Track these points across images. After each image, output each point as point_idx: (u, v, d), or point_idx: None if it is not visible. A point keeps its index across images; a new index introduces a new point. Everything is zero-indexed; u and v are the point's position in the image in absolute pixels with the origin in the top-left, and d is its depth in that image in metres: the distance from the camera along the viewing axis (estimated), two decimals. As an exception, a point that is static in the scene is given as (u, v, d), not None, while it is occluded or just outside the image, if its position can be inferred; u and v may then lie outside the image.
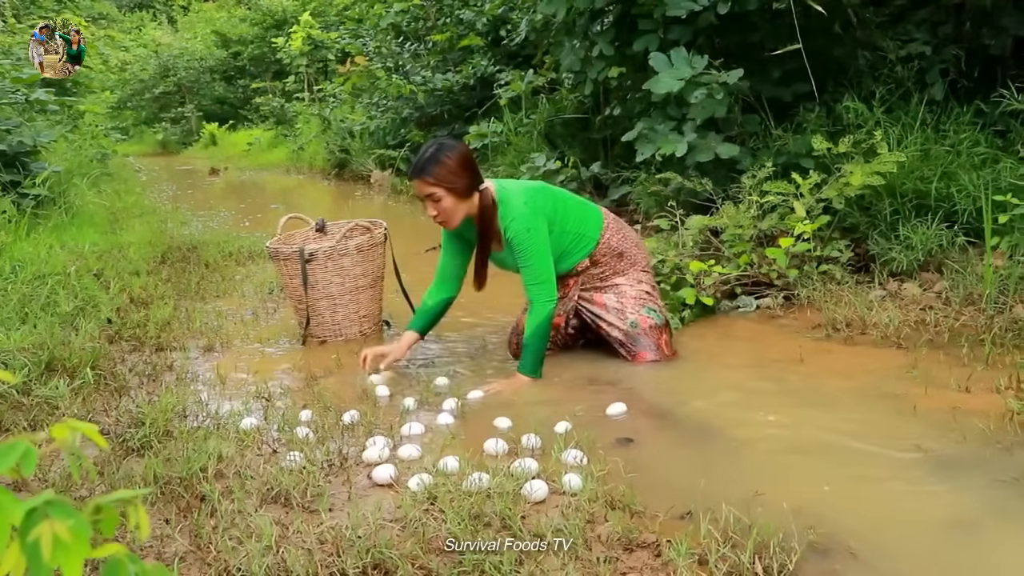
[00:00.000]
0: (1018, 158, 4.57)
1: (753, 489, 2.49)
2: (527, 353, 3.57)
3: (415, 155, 3.63)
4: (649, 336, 3.78)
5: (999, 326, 3.66)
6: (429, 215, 3.62)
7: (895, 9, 5.99)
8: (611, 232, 3.77)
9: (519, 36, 9.65)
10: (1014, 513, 2.36)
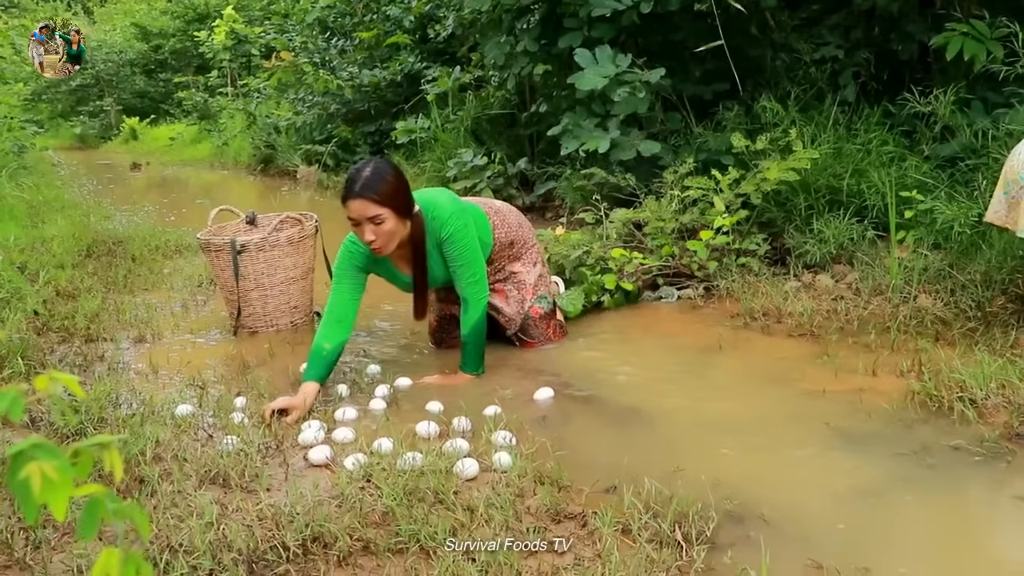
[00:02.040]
0: (923, 157, 4.81)
1: (674, 465, 2.64)
2: (468, 351, 3.58)
3: (353, 174, 3.36)
4: (539, 327, 3.93)
5: (904, 314, 3.87)
6: (366, 240, 3.35)
7: (810, 13, 6.22)
8: (497, 228, 3.78)
9: (446, 32, 9.72)
10: (913, 482, 2.54)
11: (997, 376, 3.07)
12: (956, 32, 4.58)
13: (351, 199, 3.31)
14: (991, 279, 3.93)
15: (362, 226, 3.33)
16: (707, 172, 4.85)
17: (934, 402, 3.03)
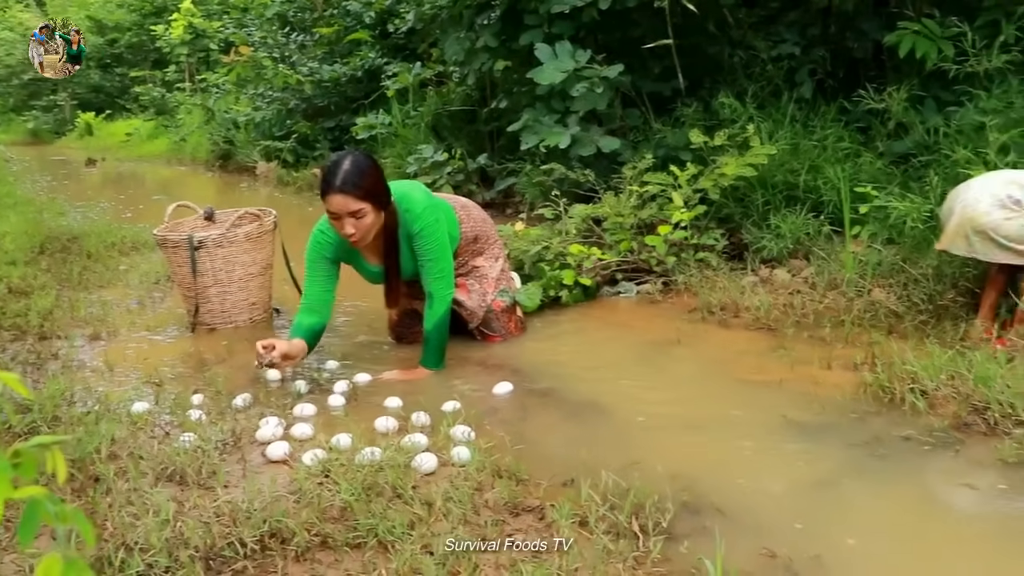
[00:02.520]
0: (877, 153, 4.88)
1: (631, 457, 2.66)
2: (430, 347, 3.58)
3: (332, 168, 3.32)
4: (500, 320, 3.95)
5: (858, 308, 3.93)
6: (345, 234, 3.36)
7: (767, 11, 6.29)
8: (464, 222, 3.81)
9: (406, 27, 9.69)
10: (865, 472, 2.59)
11: (947, 367, 3.12)
12: (908, 31, 4.65)
13: (332, 194, 3.30)
14: (942, 273, 3.99)
15: (342, 220, 3.34)
16: (666, 168, 4.88)
17: (886, 393, 3.08)
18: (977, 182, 3.56)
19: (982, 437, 2.78)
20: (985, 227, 3.39)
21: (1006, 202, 3.39)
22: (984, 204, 3.41)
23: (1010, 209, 3.38)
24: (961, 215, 3.46)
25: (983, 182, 3.53)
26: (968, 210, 3.43)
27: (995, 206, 3.39)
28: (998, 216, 3.37)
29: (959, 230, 3.47)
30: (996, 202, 3.40)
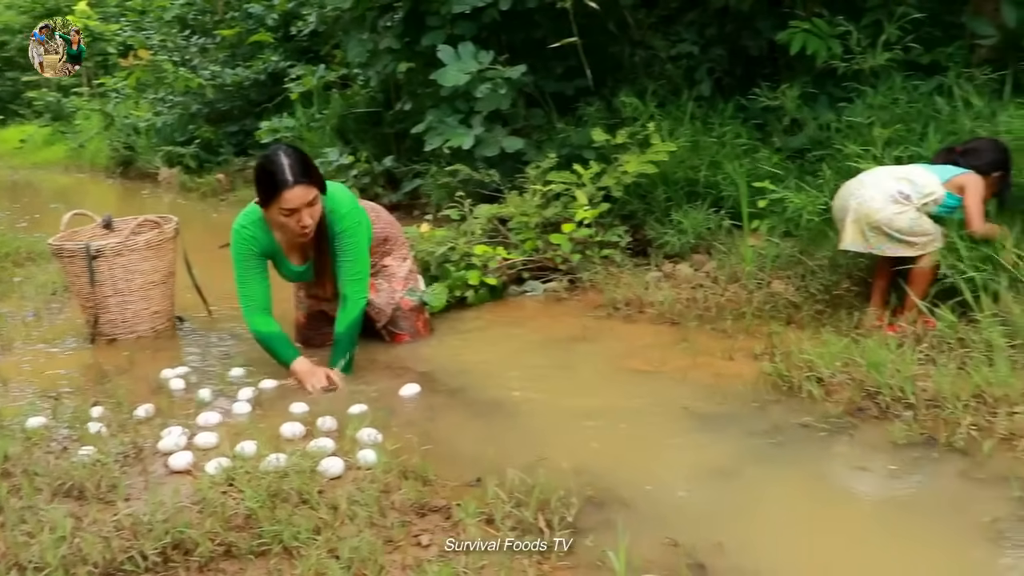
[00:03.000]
0: (774, 149, 5.00)
1: (538, 454, 2.69)
2: (340, 349, 3.55)
3: (277, 164, 3.25)
4: (408, 318, 3.97)
5: (758, 300, 4.03)
6: (303, 225, 3.32)
7: (666, 11, 6.39)
8: (374, 223, 3.81)
9: (309, 29, 9.59)
10: (765, 459, 2.67)
11: (842, 355, 3.22)
12: (799, 29, 4.79)
13: (291, 187, 3.23)
14: (837, 264, 4.11)
15: (299, 213, 3.29)
16: (570, 167, 4.93)
17: (785, 382, 3.18)
18: (869, 179, 3.68)
19: (875, 421, 2.89)
20: (880, 222, 3.51)
21: (897, 197, 3.52)
22: (878, 200, 3.53)
23: (900, 204, 3.51)
24: (857, 211, 3.57)
25: (875, 179, 3.65)
26: (863, 207, 3.55)
27: (888, 201, 3.52)
28: (891, 211, 3.50)
29: (856, 227, 3.58)
30: (888, 198, 3.52)
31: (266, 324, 3.54)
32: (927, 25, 5.14)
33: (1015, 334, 3.21)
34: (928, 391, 2.95)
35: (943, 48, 4.96)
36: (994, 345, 3.14)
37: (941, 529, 2.28)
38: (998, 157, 3.68)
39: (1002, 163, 3.68)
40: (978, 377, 2.95)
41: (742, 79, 5.78)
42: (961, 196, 3.58)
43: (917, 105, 4.59)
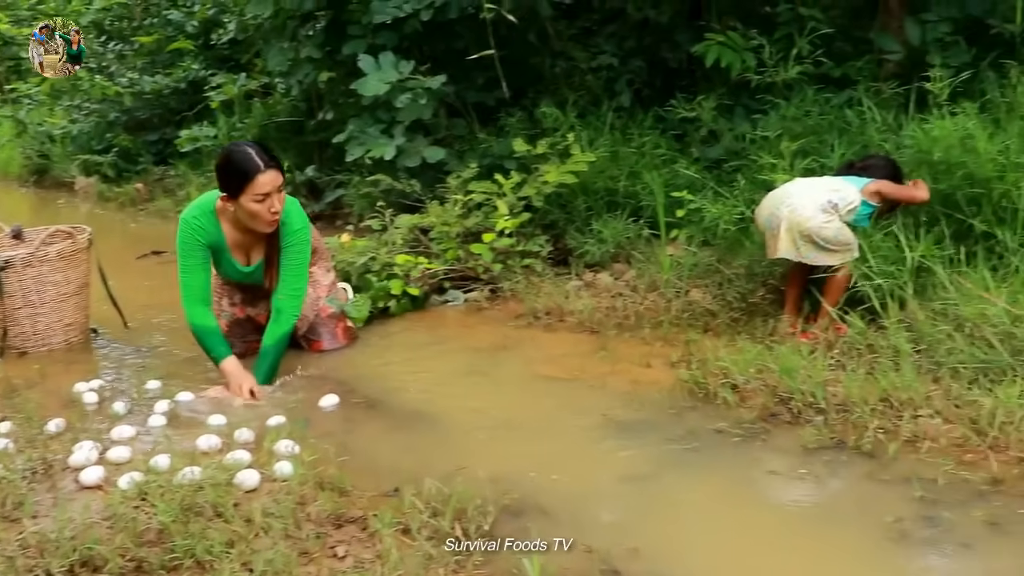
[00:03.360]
0: (692, 159, 5.09)
1: (456, 464, 2.69)
2: (266, 361, 3.55)
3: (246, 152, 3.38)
4: (327, 325, 3.97)
5: (676, 308, 4.09)
6: (274, 211, 3.42)
7: (587, 23, 6.47)
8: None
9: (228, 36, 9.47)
10: (679, 465, 2.72)
11: (756, 362, 3.29)
12: (714, 42, 4.88)
13: (263, 172, 3.35)
14: (753, 272, 4.20)
15: (270, 198, 3.39)
16: (491, 176, 4.95)
17: (701, 389, 3.23)
18: (797, 188, 3.77)
19: (787, 426, 2.96)
20: (810, 230, 3.60)
21: (826, 207, 3.61)
22: (809, 209, 3.62)
23: (829, 213, 3.61)
24: (789, 220, 3.65)
25: (804, 189, 3.74)
26: (795, 216, 3.64)
27: (818, 211, 3.61)
28: (820, 220, 3.60)
29: (789, 236, 3.66)
30: (818, 207, 3.61)
31: (204, 317, 3.56)
32: (838, 40, 5.30)
33: (920, 339, 3.31)
34: (838, 396, 3.04)
35: (853, 62, 5.11)
36: (900, 350, 3.24)
37: (847, 530, 2.35)
38: (891, 172, 3.85)
39: (895, 177, 3.83)
40: (885, 382, 3.04)
41: (661, 90, 5.87)
42: (874, 202, 3.70)
43: (828, 117, 4.71)
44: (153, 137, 10.70)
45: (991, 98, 4.35)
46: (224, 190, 3.44)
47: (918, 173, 3.97)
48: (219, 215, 3.54)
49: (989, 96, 4.37)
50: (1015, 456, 2.64)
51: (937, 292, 3.50)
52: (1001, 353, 3.06)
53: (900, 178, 3.86)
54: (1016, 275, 3.48)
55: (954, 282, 3.46)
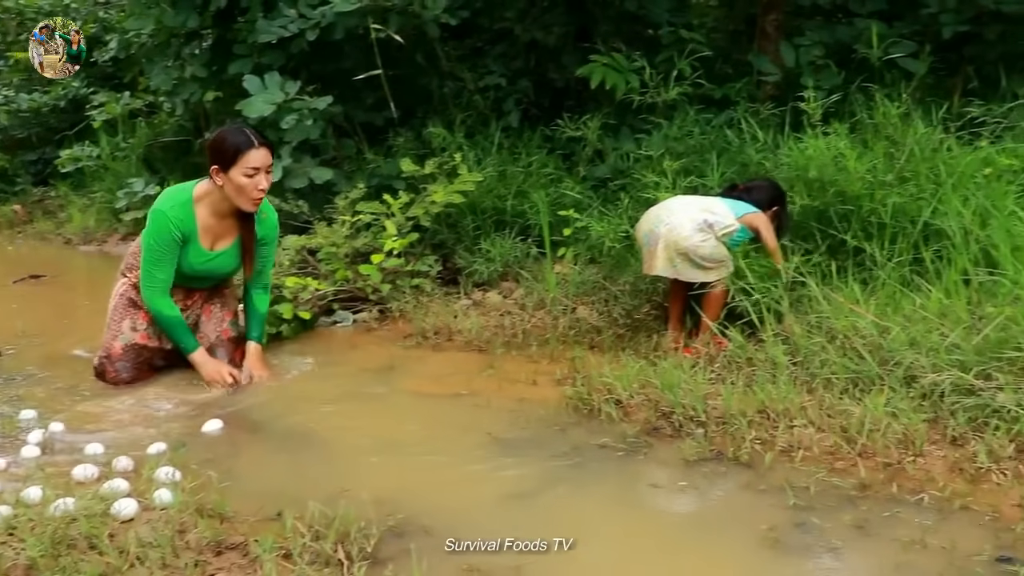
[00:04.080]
0: (579, 178, 5.18)
1: (340, 486, 2.67)
2: (261, 323, 3.90)
3: (239, 130, 3.58)
4: (226, 348, 3.93)
5: (563, 325, 4.15)
6: (260, 188, 3.55)
7: (475, 43, 6.53)
8: None
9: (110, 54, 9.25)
10: (564, 481, 2.75)
11: (639, 377, 3.36)
12: (598, 63, 4.98)
13: (255, 148, 3.51)
14: (638, 289, 4.28)
15: (260, 175, 3.54)
16: (380, 197, 4.94)
17: (586, 405, 3.28)
18: (676, 206, 3.86)
19: (669, 439, 3.03)
20: (687, 249, 3.69)
21: (702, 226, 3.71)
22: (686, 228, 3.71)
23: (705, 232, 3.71)
24: (667, 238, 3.74)
25: (682, 207, 3.83)
26: (672, 234, 3.72)
27: (695, 230, 3.70)
28: (697, 239, 3.69)
29: (666, 253, 3.75)
30: (695, 226, 3.71)
31: (171, 308, 3.72)
32: (719, 62, 5.47)
33: (796, 352, 3.42)
34: (718, 409, 3.12)
35: (733, 84, 5.28)
36: (777, 363, 3.35)
37: (724, 540, 2.41)
38: (774, 195, 3.97)
39: (777, 199, 3.96)
40: (762, 394, 3.13)
41: (549, 110, 5.96)
42: (751, 230, 3.81)
43: (709, 137, 4.86)
44: (32, 157, 10.39)
45: (860, 119, 4.54)
46: (216, 162, 3.54)
47: (794, 190, 4.12)
48: (195, 203, 3.63)
49: (858, 117, 4.56)
50: (881, 462, 2.75)
51: (812, 306, 3.62)
52: (870, 363, 3.19)
53: (783, 201, 3.99)
54: (883, 288, 3.63)
55: (827, 296, 3.59)
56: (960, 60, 5.39)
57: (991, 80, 5.07)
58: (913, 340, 3.22)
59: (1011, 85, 4.83)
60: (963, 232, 3.66)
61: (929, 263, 3.68)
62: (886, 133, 4.32)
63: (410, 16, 5.22)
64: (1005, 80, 4.92)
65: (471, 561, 2.26)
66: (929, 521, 2.43)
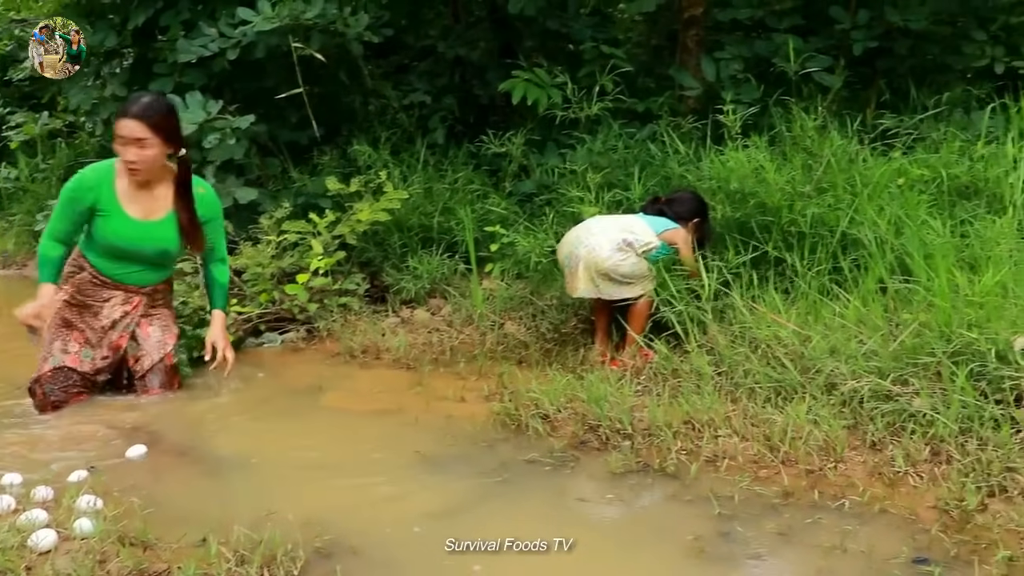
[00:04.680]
0: (505, 194, 5.19)
1: (267, 508, 2.63)
2: (223, 293, 3.97)
3: (132, 98, 3.66)
4: (167, 374, 3.85)
5: (491, 341, 4.15)
6: (126, 159, 3.54)
7: (400, 60, 6.53)
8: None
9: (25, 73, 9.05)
10: (492, 497, 2.76)
11: (566, 391, 3.37)
12: (520, 79, 5.01)
13: (123, 118, 3.51)
14: (565, 303, 4.31)
15: (127, 145, 3.52)
16: (306, 216, 4.90)
17: (513, 421, 3.29)
18: (596, 228, 3.89)
19: (596, 452, 3.04)
20: (608, 269, 3.73)
21: (621, 245, 3.76)
22: (605, 249, 3.76)
23: (624, 251, 3.75)
24: (587, 260, 3.77)
25: (601, 228, 3.87)
26: (592, 255, 3.76)
27: (614, 250, 3.75)
28: (617, 258, 3.74)
29: (587, 275, 3.78)
30: (614, 246, 3.76)
31: (54, 250, 3.67)
32: (642, 77, 5.54)
33: (721, 362, 3.47)
34: (644, 421, 3.14)
35: (656, 98, 5.35)
36: (702, 374, 3.39)
37: (650, 551, 2.42)
38: (696, 206, 4.04)
39: (700, 211, 4.02)
40: (688, 405, 3.17)
41: (475, 126, 5.97)
42: (671, 245, 3.87)
43: (633, 151, 4.91)
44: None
45: (779, 132, 4.64)
46: None
47: (717, 201, 4.18)
48: (117, 171, 3.63)
49: (777, 130, 4.65)
50: (804, 469, 2.79)
51: (736, 316, 3.68)
52: (792, 372, 3.24)
53: (705, 212, 4.05)
54: (804, 298, 3.70)
55: (748, 306, 3.65)
56: (873, 74, 5.54)
57: (903, 93, 5.21)
58: (833, 348, 3.29)
59: (921, 97, 4.97)
60: (878, 241, 3.76)
61: (847, 272, 3.76)
62: (804, 145, 4.41)
63: (333, 34, 5.19)
64: (915, 92, 5.06)
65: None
66: (849, 526, 2.47)
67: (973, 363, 2.96)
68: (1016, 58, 5.10)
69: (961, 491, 2.55)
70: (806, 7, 5.81)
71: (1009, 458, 2.65)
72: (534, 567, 2.37)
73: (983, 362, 2.95)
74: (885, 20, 5.12)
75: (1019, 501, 2.50)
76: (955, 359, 3.00)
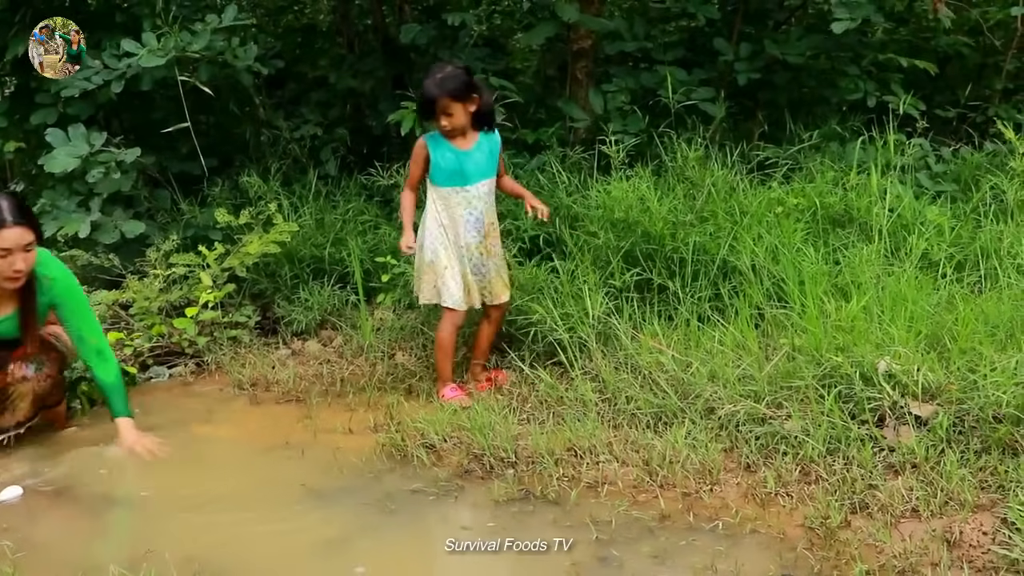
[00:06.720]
0: (398, 224, 5.20)
1: (146, 547, 2.61)
2: (121, 394, 3.57)
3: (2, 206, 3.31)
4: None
5: (381, 372, 4.16)
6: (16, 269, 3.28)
7: (294, 91, 6.51)
8: None
9: None
10: (375, 527, 2.81)
11: (452, 421, 3.41)
12: (409, 110, 5.05)
13: (9, 227, 3.25)
14: (455, 332, 4.33)
15: (13, 255, 3.27)
16: (196, 248, 4.85)
17: (400, 451, 3.31)
18: None
19: (480, 481, 3.09)
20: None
21: None
22: None
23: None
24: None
25: None
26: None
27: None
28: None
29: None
30: None
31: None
32: (534, 108, 5.63)
33: (605, 389, 3.55)
34: (528, 449, 3.20)
35: (546, 129, 5.43)
36: (586, 401, 3.46)
37: (527, 577, 2.47)
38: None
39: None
40: (571, 432, 3.24)
41: (367, 157, 5.97)
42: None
43: (522, 181, 4.97)
44: None
45: (662, 162, 4.76)
46: None
47: (604, 230, 4.26)
48: None
49: (661, 161, 4.78)
50: (680, 492, 2.88)
51: (621, 343, 3.76)
52: (672, 398, 3.34)
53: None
54: (686, 324, 3.80)
55: (630, 333, 3.74)
56: (755, 106, 5.74)
57: (782, 124, 5.40)
58: (713, 373, 3.40)
59: (798, 129, 5.16)
60: (755, 268, 3.89)
61: (727, 298, 3.88)
62: (686, 175, 4.54)
63: (222, 66, 5.16)
64: (792, 124, 5.26)
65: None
66: (721, 547, 2.56)
67: (841, 385, 3.09)
68: (887, 92, 5.34)
69: (826, 509, 2.66)
70: (691, 40, 5.99)
71: (872, 476, 2.77)
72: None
73: (850, 384, 3.08)
74: (766, 53, 5.30)
75: (878, 517, 2.62)
76: (824, 382, 3.13)
